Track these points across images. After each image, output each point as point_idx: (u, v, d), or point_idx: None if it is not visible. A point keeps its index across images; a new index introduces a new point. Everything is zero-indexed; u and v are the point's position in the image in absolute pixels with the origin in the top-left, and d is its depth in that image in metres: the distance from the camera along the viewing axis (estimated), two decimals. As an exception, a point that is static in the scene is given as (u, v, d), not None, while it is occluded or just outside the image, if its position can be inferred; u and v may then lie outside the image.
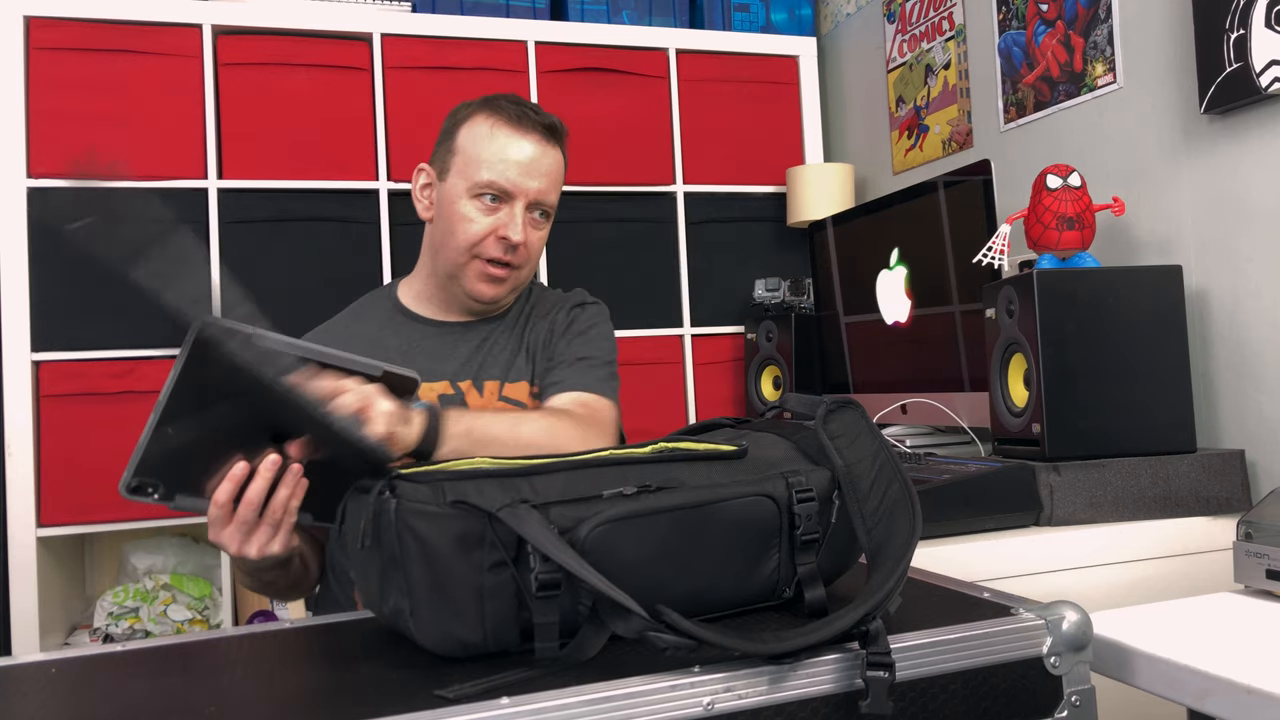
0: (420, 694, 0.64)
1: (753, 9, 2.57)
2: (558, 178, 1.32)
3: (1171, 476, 1.36)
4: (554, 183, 1.31)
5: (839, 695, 0.69)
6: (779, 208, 2.49)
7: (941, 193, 1.78)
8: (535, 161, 1.28)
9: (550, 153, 1.31)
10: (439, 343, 1.34)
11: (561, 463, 0.76)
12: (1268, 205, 1.44)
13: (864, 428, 0.83)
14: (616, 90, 2.36)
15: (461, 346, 1.33)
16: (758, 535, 0.78)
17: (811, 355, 2.23)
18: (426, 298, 1.37)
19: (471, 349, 1.34)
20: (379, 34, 2.20)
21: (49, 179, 2.00)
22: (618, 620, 0.68)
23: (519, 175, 1.27)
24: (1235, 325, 1.50)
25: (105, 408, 2.00)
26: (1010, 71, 1.97)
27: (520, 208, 1.27)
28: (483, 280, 1.30)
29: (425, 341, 1.34)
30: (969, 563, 1.25)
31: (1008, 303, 1.45)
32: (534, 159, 1.28)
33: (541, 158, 1.29)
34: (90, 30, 2.04)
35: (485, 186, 1.27)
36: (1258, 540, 1.02)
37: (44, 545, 1.99)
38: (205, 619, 2.09)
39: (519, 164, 1.27)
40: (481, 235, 1.27)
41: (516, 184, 1.27)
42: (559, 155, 1.33)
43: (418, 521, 0.69)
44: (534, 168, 1.28)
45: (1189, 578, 1.32)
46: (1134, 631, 0.90)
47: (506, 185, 1.26)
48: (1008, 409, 1.47)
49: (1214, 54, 1.45)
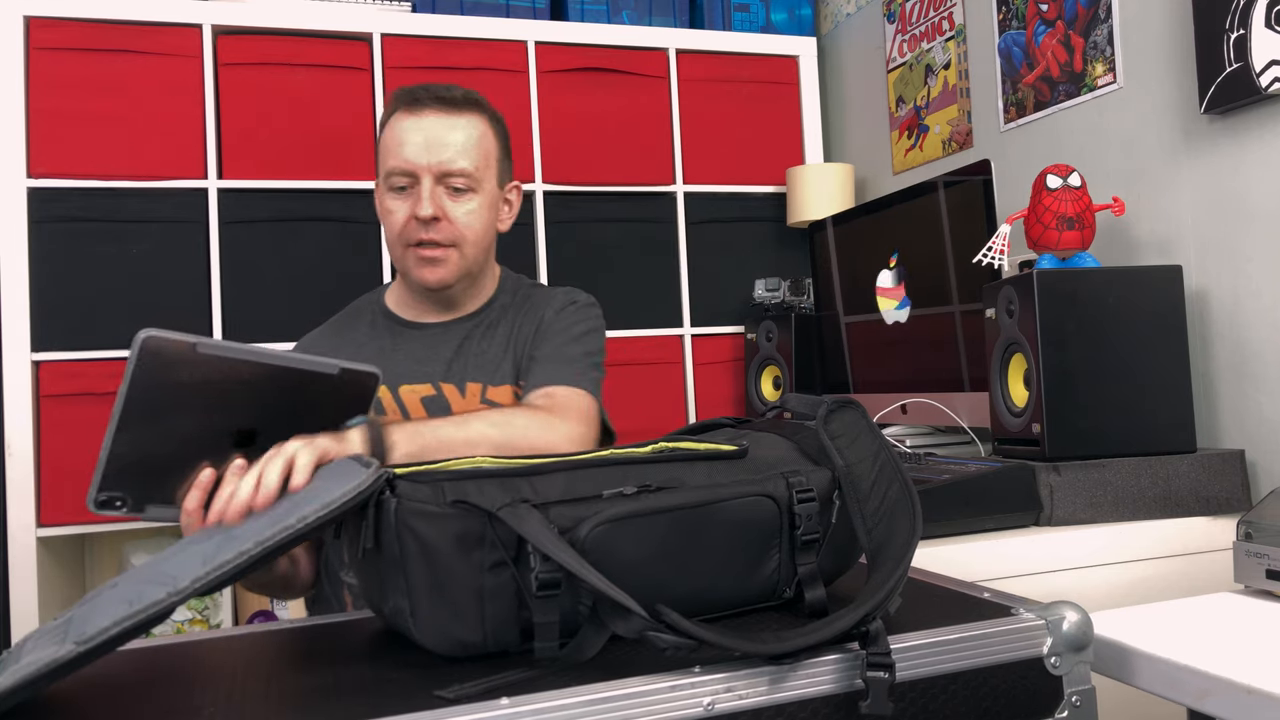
0: (420, 694, 0.64)
1: (753, 9, 2.57)
2: (468, 146, 1.28)
3: (1171, 476, 1.36)
4: (462, 150, 1.27)
5: (839, 696, 0.69)
6: (779, 208, 2.49)
7: (941, 193, 1.78)
8: (435, 136, 1.26)
9: (452, 121, 1.27)
10: (420, 344, 1.34)
11: (562, 462, 0.76)
12: (1268, 205, 1.44)
13: (864, 428, 0.83)
14: (616, 90, 2.36)
15: (442, 348, 1.33)
16: (758, 535, 0.78)
17: (811, 355, 2.23)
18: (405, 301, 1.38)
19: (453, 350, 1.33)
20: (379, 34, 2.20)
21: (49, 179, 2.00)
22: (618, 620, 0.68)
23: (415, 152, 1.25)
24: (1235, 325, 1.50)
25: (105, 408, 1.98)
26: (1010, 71, 1.97)
27: (428, 183, 1.26)
28: (420, 266, 1.28)
29: (407, 344, 1.34)
30: (969, 563, 1.25)
31: (1008, 303, 1.45)
32: (433, 134, 1.26)
33: (443, 130, 1.27)
34: (90, 30, 2.04)
35: (391, 173, 1.27)
36: (1258, 540, 1.02)
37: (44, 545, 1.98)
38: (205, 619, 2.09)
39: (415, 143, 1.26)
40: (402, 222, 1.27)
41: (414, 161, 1.25)
42: (468, 122, 1.29)
43: (418, 521, 0.69)
44: (434, 141, 1.26)
45: (1189, 578, 1.32)
46: (1134, 631, 0.90)
47: (406, 165, 1.26)
48: (1008, 409, 1.47)
49: (1214, 54, 1.45)
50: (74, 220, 2.01)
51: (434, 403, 1.29)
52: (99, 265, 2.02)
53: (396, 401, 1.29)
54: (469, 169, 1.28)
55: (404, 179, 1.27)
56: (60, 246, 2.00)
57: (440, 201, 1.26)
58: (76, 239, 2.01)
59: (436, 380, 1.30)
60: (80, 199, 2.02)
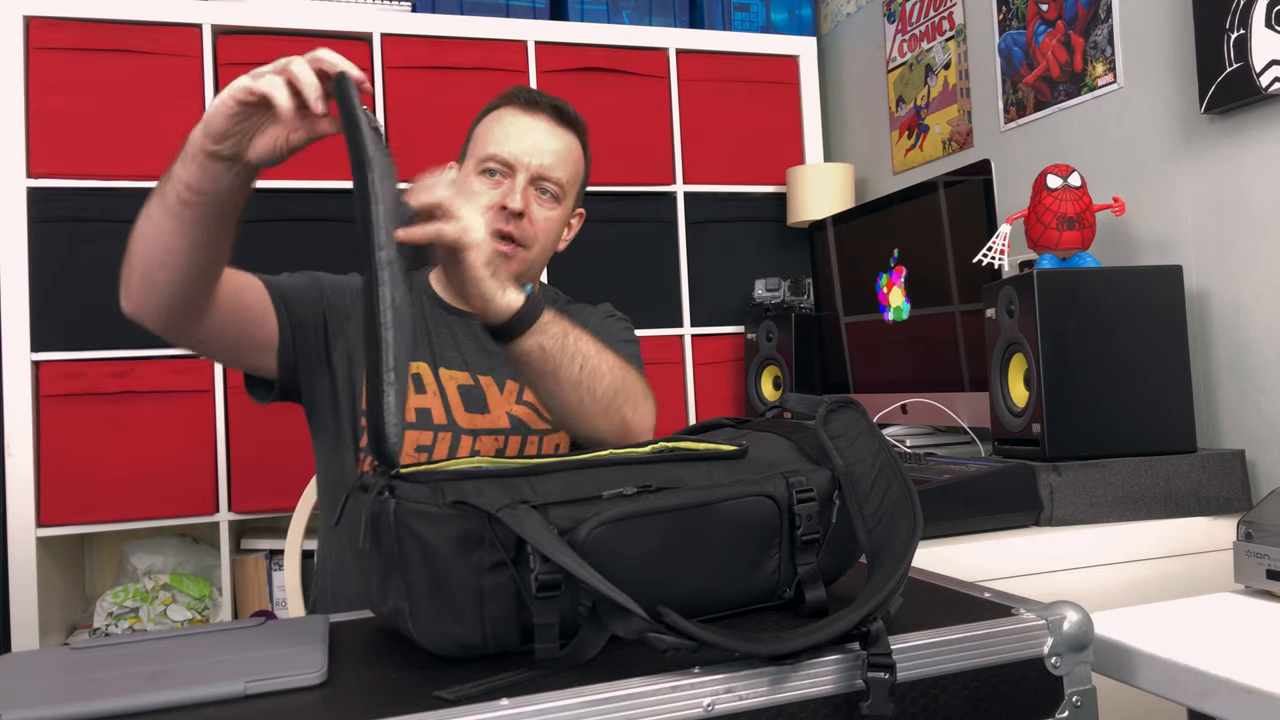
0: (420, 694, 0.64)
1: (753, 9, 2.57)
2: (567, 159, 1.32)
3: (1171, 476, 1.36)
4: (561, 162, 1.31)
5: (840, 696, 0.69)
6: (779, 208, 2.49)
7: (941, 193, 1.78)
8: (541, 140, 1.29)
9: (560, 134, 1.31)
10: (462, 331, 1.34)
11: (561, 463, 0.76)
12: (1268, 205, 1.44)
13: (864, 428, 0.83)
14: (616, 90, 2.36)
15: (482, 338, 1.33)
16: (758, 535, 0.77)
17: (811, 355, 2.23)
18: (449, 286, 1.38)
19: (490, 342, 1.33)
20: (379, 34, 2.20)
21: (49, 179, 2.00)
22: (618, 621, 0.68)
23: (520, 149, 1.28)
24: (1235, 325, 1.50)
25: (105, 408, 2.00)
26: (1010, 71, 1.97)
27: (522, 179, 1.28)
28: None
29: (448, 328, 1.34)
30: (969, 563, 1.25)
31: (1008, 303, 1.45)
32: (540, 137, 1.29)
33: (549, 137, 1.30)
34: (90, 30, 2.04)
35: (488, 160, 1.28)
36: (1258, 540, 1.02)
37: (44, 545, 1.99)
38: (205, 619, 2.09)
39: (521, 139, 1.28)
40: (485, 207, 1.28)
41: (517, 156, 1.28)
42: (572, 140, 1.33)
43: (417, 522, 0.69)
44: (540, 145, 1.29)
45: (1189, 578, 1.32)
46: (1134, 631, 0.90)
47: (507, 157, 1.28)
48: (1008, 409, 1.47)
49: (1214, 54, 1.45)
50: (74, 220, 2.01)
51: (470, 392, 1.29)
52: (99, 265, 2.01)
53: (436, 382, 1.28)
54: (562, 179, 1.31)
55: (501, 168, 1.28)
56: (60, 246, 2.00)
57: (529, 200, 1.29)
58: (76, 239, 2.01)
59: (475, 372, 1.31)
60: (80, 199, 2.02)
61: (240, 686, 0.66)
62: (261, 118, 0.91)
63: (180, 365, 2.05)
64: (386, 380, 0.75)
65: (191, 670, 0.70)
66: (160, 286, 1.02)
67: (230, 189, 0.94)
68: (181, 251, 0.98)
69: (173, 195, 0.95)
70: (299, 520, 1.59)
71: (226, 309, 1.12)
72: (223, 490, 2.06)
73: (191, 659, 0.73)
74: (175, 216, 0.96)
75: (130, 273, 1.03)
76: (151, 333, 1.08)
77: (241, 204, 0.99)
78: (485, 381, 1.30)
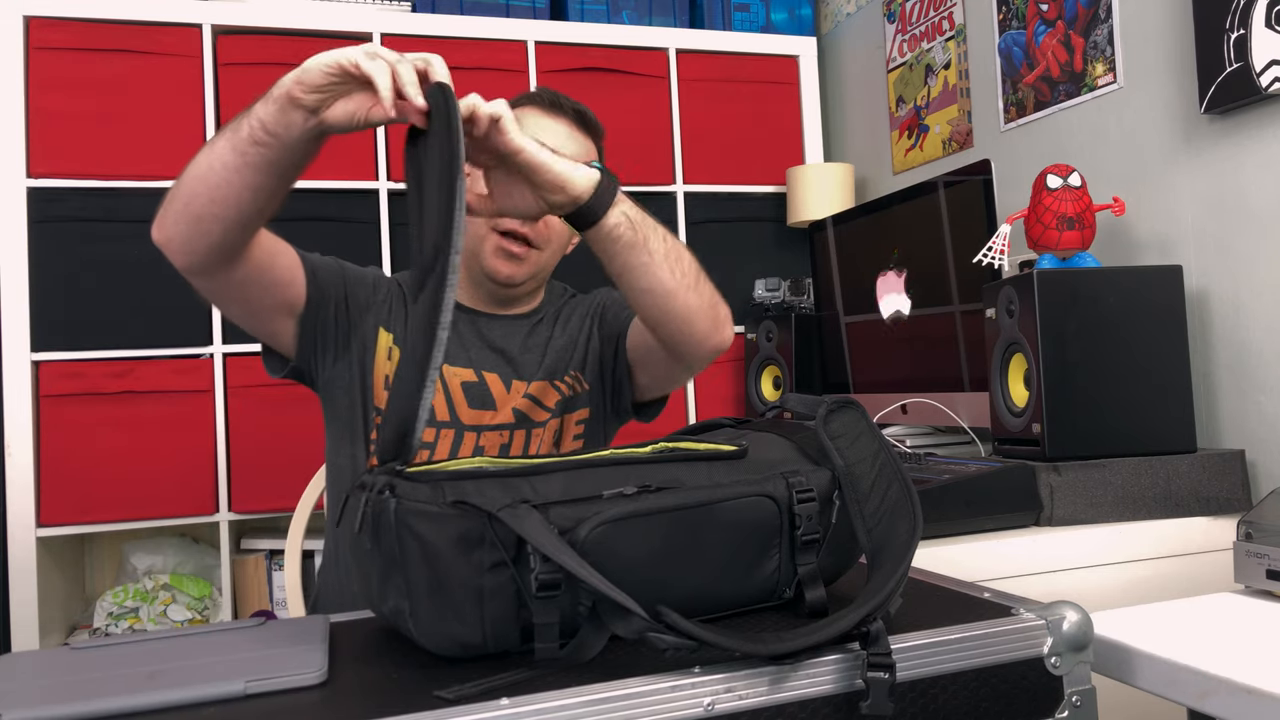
0: (420, 694, 0.64)
1: (753, 9, 2.57)
2: None
3: (1171, 476, 1.36)
4: None
5: (839, 696, 0.69)
6: (779, 208, 2.49)
7: (941, 193, 1.78)
8: (560, 143, 1.27)
9: (579, 139, 1.31)
10: (468, 328, 1.34)
11: (561, 463, 0.76)
12: (1268, 205, 1.44)
13: (864, 428, 0.83)
14: (616, 90, 2.36)
15: (491, 337, 1.33)
16: (758, 535, 0.77)
17: (811, 355, 2.23)
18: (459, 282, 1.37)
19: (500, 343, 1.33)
20: (379, 34, 2.20)
21: (49, 179, 2.00)
22: (618, 621, 0.68)
23: None
24: (1235, 325, 1.50)
25: (105, 408, 2.00)
26: (1010, 71, 1.97)
27: None
28: (499, 256, 1.28)
29: (453, 325, 1.34)
30: (969, 563, 1.25)
31: (1008, 303, 1.45)
32: (560, 140, 1.28)
33: (568, 141, 1.29)
34: (90, 30, 2.04)
35: None
36: (1258, 540, 1.02)
37: (44, 545, 1.99)
38: (205, 619, 2.09)
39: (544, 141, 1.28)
40: None
41: None
42: (590, 146, 1.33)
43: (417, 522, 0.69)
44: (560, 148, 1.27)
45: (1189, 578, 1.32)
46: (1134, 631, 0.90)
47: None
48: (1008, 409, 1.47)
49: (1214, 54, 1.45)
50: (74, 220, 2.01)
51: (475, 389, 1.29)
52: (99, 265, 2.02)
53: (440, 379, 1.28)
54: None
55: None
56: (60, 246, 2.00)
57: None
58: (76, 239, 2.01)
59: (480, 368, 1.30)
60: (80, 199, 2.02)
61: (240, 686, 0.66)
62: (353, 86, 0.93)
63: (180, 365, 2.05)
64: (430, 377, 0.77)
65: (191, 670, 0.70)
66: (201, 220, 1.03)
67: (299, 141, 0.96)
68: (235, 189, 1.00)
69: (245, 131, 0.97)
70: (299, 520, 1.59)
71: (256, 265, 1.13)
72: (223, 490, 2.06)
73: (191, 659, 0.73)
74: (242, 154, 0.97)
75: (173, 200, 1.04)
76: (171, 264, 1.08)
77: (304, 164, 1.00)
78: (490, 378, 1.30)
